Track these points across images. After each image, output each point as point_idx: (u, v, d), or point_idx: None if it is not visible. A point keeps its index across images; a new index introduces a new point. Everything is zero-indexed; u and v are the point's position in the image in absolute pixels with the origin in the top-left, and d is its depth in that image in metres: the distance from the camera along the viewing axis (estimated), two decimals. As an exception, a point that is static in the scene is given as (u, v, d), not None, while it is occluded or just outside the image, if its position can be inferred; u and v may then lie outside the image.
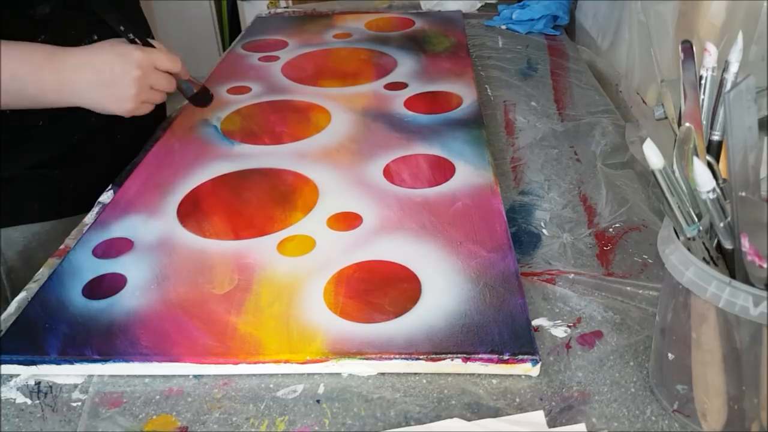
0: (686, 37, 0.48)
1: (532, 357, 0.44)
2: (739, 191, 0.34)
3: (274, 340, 0.46)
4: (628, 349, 0.47)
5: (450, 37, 1.07)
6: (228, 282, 0.52)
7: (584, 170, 0.71)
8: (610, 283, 0.53)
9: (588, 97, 0.89)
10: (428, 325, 0.47)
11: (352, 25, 1.15)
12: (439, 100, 0.83)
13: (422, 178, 0.66)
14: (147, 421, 0.43)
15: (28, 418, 0.43)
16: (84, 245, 0.58)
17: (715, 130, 0.39)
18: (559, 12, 1.15)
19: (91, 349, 0.46)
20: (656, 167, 0.35)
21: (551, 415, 0.42)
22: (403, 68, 0.94)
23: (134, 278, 0.53)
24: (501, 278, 0.51)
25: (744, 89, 0.33)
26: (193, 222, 0.60)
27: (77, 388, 0.45)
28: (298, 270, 0.54)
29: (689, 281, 0.35)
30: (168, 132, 0.78)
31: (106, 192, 0.70)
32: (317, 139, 0.75)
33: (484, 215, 0.59)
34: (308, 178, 0.67)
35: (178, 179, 0.67)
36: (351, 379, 0.45)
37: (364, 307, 0.49)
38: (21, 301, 0.54)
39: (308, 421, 0.42)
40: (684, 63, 0.40)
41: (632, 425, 0.41)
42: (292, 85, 0.90)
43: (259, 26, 1.19)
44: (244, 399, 0.44)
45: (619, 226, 0.61)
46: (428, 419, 0.42)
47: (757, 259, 0.33)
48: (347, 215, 0.60)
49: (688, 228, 0.36)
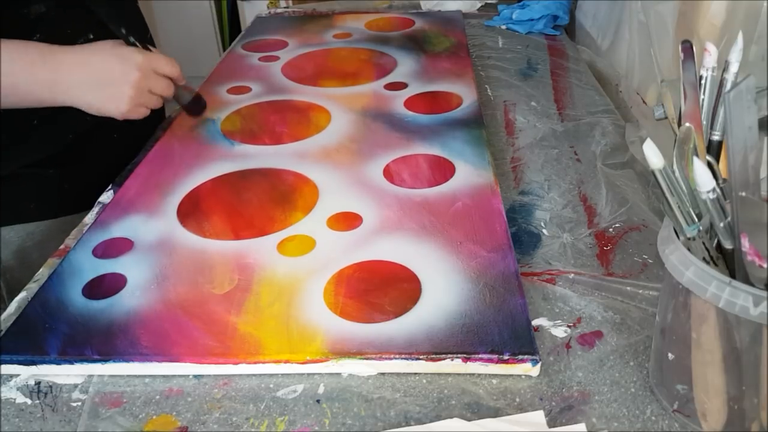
0: (686, 37, 0.48)
1: (532, 357, 0.44)
2: (739, 191, 0.34)
3: (274, 340, 0.46)
4: (628, 349, 0.47)
5: (450, 37, 1.07)
6: (228, 282, 0.52)
7: (584, 170, 0.71)
8: (610, 283, 0.53)
9: (588, 97, 0.89)
10: (428, 325, 0.47)
11: (352, 25, 1.15)
12: (439, 100, 0.83)
13: (422, 178, 0.66)
14: (147, 421, 0.43)
15: (28, 418, 0.43)
16: (84, 245, 0.58)
17: (715, 130, 0.39)
18: (559, 12, 1.15)
19: (91, 349, 0.46)
20: (656, 167, 0.35)
21: (551, 415, 0.42)
22: (403, 68, 0.94)
23: (134, 278, 0.53)
24: (501, 278, 0.51)
25: (744, 89, 0.33)
26: (193, 222, 0.60)
27: (77, 388, 0.45)
28: (298, 270, 0.54)
29: (689, 281, 0.35)
30: (168, 132, 0.78)
31: (106, 192, 0.70)
32: (317, 139, 0.75)
33: (484, 215, 0.59)
34: (308, 178, 0.67)
35: (178, 179, 0.67)
36: (351, 379, 0.45)
37: (364, 307, 0.49)
38: (21, 301, 0.54)
39: (308, 421, 0.42)
40: (684, 63, 0.40)
41: (632, 425, 0.41)
42: (292, 85, 0.90)
43: (259, 26, 1.19)
44: (244, 399, 0.44)
45: (619, 226, 0.61)
46: (428, 419, 0.42)
47: (757, 259, 0.33)
48: (347, 215, 0.60)
49: (688, 228, 0.36)
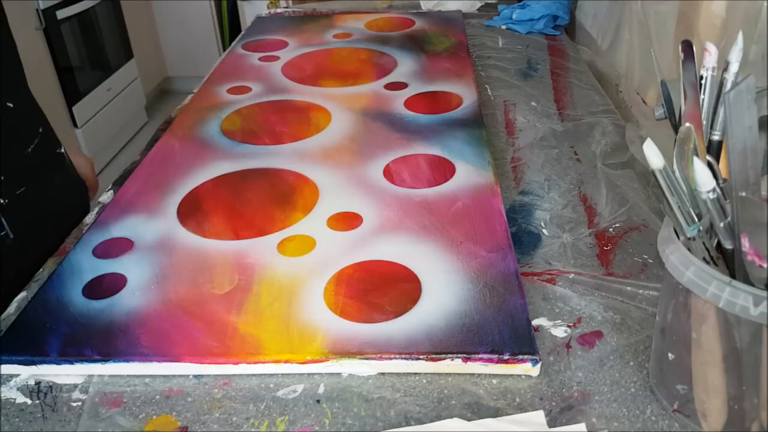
0: (686, 37, 0.48)
1: (532, 357, 0.44)
2: (739, 191, 0.34)
3: (274, 340, 0.46)
4: (628, 349, 0.47)
5: (450, 37, 1.07)
6: (228, 282, 0.52)
7: (584, 170, 0.71)
8: (610, 283, 0.53)
9: (588, 97, 0.89)
10: (428, 324, 0.47)
11: (352, 25, 1.15)
12: (439, 100, 0.83)
13: (422, 178, 0.66)
14: (147, 421, 0.43)
15: (28, 418, 0.43)
16: (84, 245, 0.58)
17: (715, 130, 0.39)
18: (559, 12, 1.15)
19: (91, 349, 0.46)
20: (656, 167, 0.35)
21: (551, 415, 0.42)
22: (403, 68, 0.94)
23: (134, 278, 0.53)
24: (501, 278, 0.51)
25: (744, 89, 0.33)
26: (193, 222, 0.60)
27: (77, 388, 0.45)
28: (298, 270, 0.54)
29: (689, 281, 0.35)
30: (168, 132, 0.78)
31: (106, 192, 0.70)
32: (317, 139, 0.75)
33: (484, 215, 0.59)
34: (308, 178, 0.67)
35: (178, 179, 0.67)
36: (351, 379, 0.45)
37: (364, 307, 0.49)
38: (21, 301, 0.54)
39: (308, 421, 0.42)
40: (684, 63, 0.40)
41: (632, 425, 0.41)
42: (292, 85, 0.90)
43: (259, 26, 1.19)
44: (244, 399, 0.44)
45: (619, 226, 0.61)
46: (428, 419, 0.42)
47: (757, 259, 0.33)
48: (347, 215, 0.60)
49: (688, 228, 0.36)
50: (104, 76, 2.37)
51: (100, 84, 2.33)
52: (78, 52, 2.22)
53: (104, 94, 2.35)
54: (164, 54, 2.93)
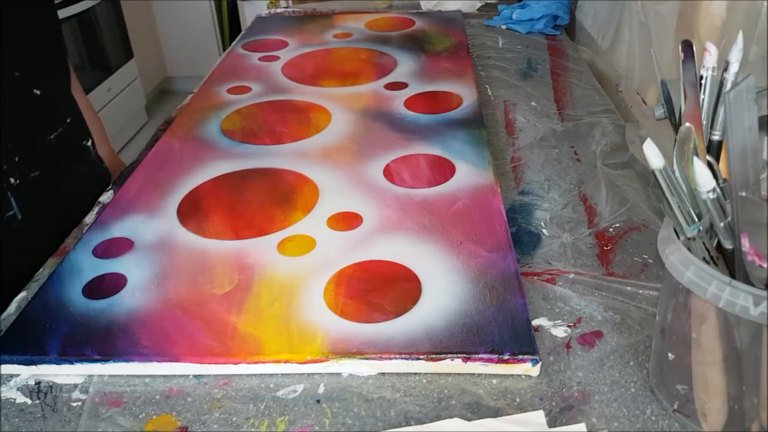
0: (686, 37, 0.48)
1: (532, 357, 0.44)
2: (739, 191, 0.34)
3: (274, 340, 0.46)
4: (628, 349, 0.47)
5: (450, 37, 1.07)
6: (228, 282, 0.52)
7: (584, 170, 0.71)
8: (610, 283, 0.53)
9: (588, 97, 0.89)
10: (428, 325, 0.47)
11: (352, 25, 1.15)
12: (439, 100, 0.83)
13: (422, 178, 0.66)
14: (147, 421, 0.43)
15: (28, 418, 0.43)
16: (84, 245, 0.58)
17: (715, 130, 0.39)
18: (559, 12, 1.15)
19: (91, 349, 0.46)
20: (656, 167, 0.35)
21: (551, 415, 0.42)
22: (403, 68, 0.94)
23: (134, 278, 0.53)
24: (501, 278, 0.51)
25: (744, 89, 0.33)
26: (193, 222, 0.60)
27: (77, 388, 0.45)
28: (298, 270, 0.54)
29: (689, 281, 0.35)
30: (168, 132, 0.78)
31: (106, 192, 0.70)
32: (317, 139, 0.75)
33: (484, 215, 0.59)
34: (308, 178, 0.67)
35: (178, 179, 0.67)
36: (351, 379, 0.45)
37: (364, 307, 0.49)
38: (21, 301, 0.54)
39: (308, 421, 0.42)
40: (684, 63, 0.40)
41: (632, 425, 0.41)
42: (292, 85, 0.90)
43: (259, 26, 1.19)
44: (244, 399, 0.44)
45: (619, 226, 0.61)
46: (428, 419, 0.42)
47: (757, 259, 0.33)
48: (347, 215, 0.60)
49: (688, 228, 0.36)
50: (104, 76, 2.37)
51: (100, 84, 2.33)
52: (78, 52, 2.22)
53: (104, 93, 2.35)
54: (164, 54, 2.93)
